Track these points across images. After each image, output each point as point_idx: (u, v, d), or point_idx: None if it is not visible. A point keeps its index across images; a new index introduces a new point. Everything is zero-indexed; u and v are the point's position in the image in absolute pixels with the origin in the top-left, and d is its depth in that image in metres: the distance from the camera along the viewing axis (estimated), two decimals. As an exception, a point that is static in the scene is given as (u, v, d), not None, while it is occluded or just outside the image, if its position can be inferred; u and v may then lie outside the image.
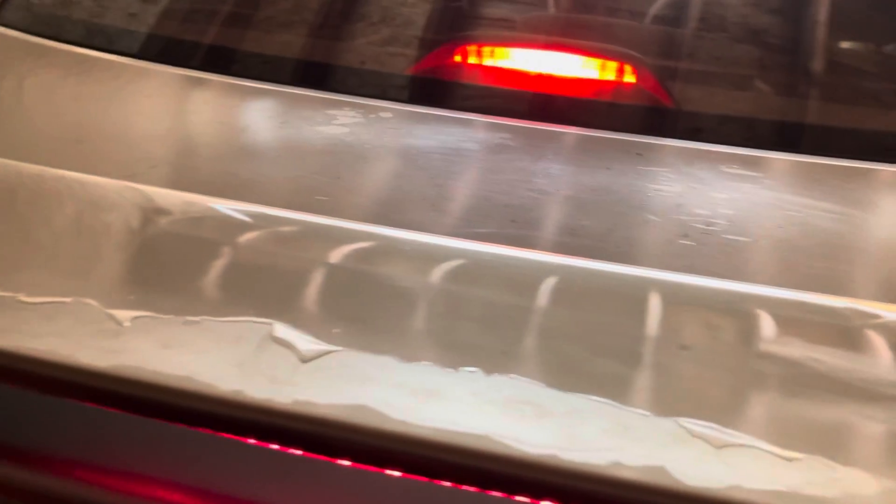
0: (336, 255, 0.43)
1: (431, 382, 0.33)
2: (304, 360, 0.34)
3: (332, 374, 0.33)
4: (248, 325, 0.35)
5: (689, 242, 0.48)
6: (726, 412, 0.32)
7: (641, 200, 0.54)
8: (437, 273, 0.41)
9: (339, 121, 0.63)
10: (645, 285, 0.41)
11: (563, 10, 0.72)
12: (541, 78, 0.63)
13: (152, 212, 0.45)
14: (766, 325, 0.38)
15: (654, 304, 0.40)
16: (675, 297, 0.40)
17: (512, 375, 0.33)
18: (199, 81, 0.69)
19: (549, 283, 0.41)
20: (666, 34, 0.70)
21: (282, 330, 0.35)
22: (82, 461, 0.34)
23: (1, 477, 0.35)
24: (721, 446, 0.29)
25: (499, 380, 0.33)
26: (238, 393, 0.32)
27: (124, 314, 0.36)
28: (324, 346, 0.35)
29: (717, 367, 0.34)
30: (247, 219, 0.45)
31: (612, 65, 0.63)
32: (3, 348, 0.33)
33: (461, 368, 0.34)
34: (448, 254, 0.43)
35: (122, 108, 0.68)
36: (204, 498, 0.32)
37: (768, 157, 0.58)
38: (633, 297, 0.40)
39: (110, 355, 0.33)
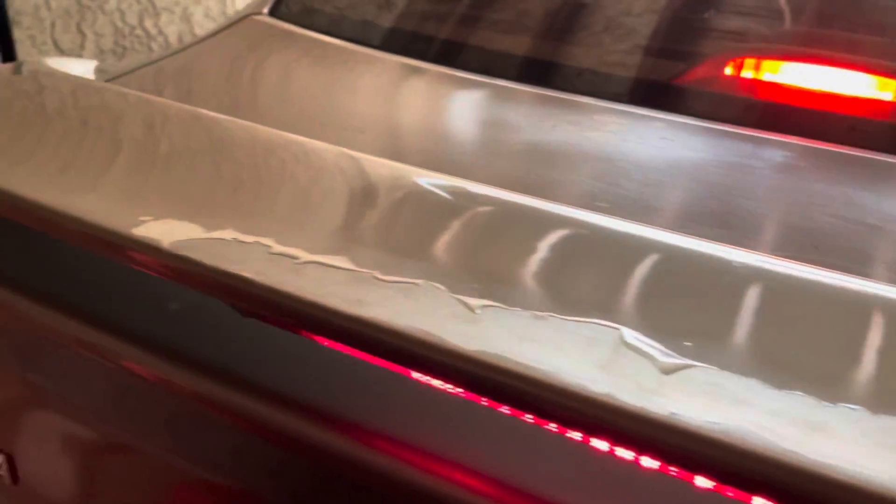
0: (644, 264, 0.41)
1: (811, 414, 0.31)
2: (666, 371, 0.33)
3: (699, 390, 0.32)
4: (598, 328, 0.35)
5: None
6: None
7: (965, 240, 0.49)
8: (762, 293, 0.39)
9: (608, 127, 0.62)
10: None
11: (844, 28, 0.67)
12: (833, 97, 0.59)
13: (464, 204, 0.45)
14: None
15: None
16: None
17: (903, 419, 0.30)
18: (458, 80, 0.70)
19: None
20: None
21: (632, 336, 0.34)
22: (422, 444, 0.34)
23: (324, 445, 0.37)
24: None
25: (888, 422, 0.30)
26: (610, 396, 0.31)
27: (474, 302, 0.36)
28: (681, 360, 0.33)
29: None
30: (545, 218, 0.44)
31: (917, 88, 0.58)
32: (371, 319, 0.34)
33: (840, 404, 0.31)
34: (762, 275, 0.40)
35: (395, 101, 0.71)
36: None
37: None
38: None
39: (473, 340, 0.33)
